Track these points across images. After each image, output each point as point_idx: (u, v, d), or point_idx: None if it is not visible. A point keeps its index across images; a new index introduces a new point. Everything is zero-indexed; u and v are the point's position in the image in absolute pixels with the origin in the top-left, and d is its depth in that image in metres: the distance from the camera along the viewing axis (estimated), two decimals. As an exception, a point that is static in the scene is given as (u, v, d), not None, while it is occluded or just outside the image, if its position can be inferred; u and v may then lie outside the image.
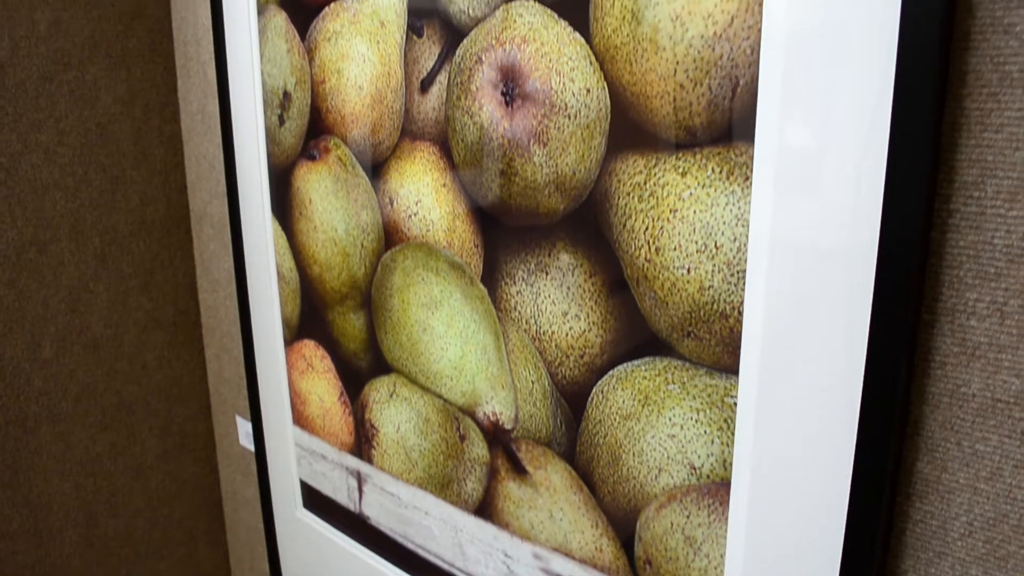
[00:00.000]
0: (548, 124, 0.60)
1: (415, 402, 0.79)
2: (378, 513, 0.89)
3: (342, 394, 0.89)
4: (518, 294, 0.67)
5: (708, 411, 0.57)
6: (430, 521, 0.82)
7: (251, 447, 1.16)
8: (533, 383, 0.68)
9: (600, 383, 0.63)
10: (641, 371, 0.60)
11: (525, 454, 0.70)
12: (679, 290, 0.56)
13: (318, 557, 1.00)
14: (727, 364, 0.55)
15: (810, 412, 0.51)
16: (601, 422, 0.64)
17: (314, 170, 0.83)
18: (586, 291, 0.62)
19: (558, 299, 0.64)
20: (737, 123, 0.51)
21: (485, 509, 0.76)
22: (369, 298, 0.81)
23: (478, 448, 0.74)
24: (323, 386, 0.91)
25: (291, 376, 0.95)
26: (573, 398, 0.65)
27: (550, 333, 0.65)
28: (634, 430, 0.61)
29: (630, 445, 0.62)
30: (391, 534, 0.88)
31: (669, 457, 0.60)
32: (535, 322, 0.66)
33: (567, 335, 0.64)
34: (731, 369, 0.55)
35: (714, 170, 0.52)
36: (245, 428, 1.16)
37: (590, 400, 0.64)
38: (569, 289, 0.63)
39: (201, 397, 1.24)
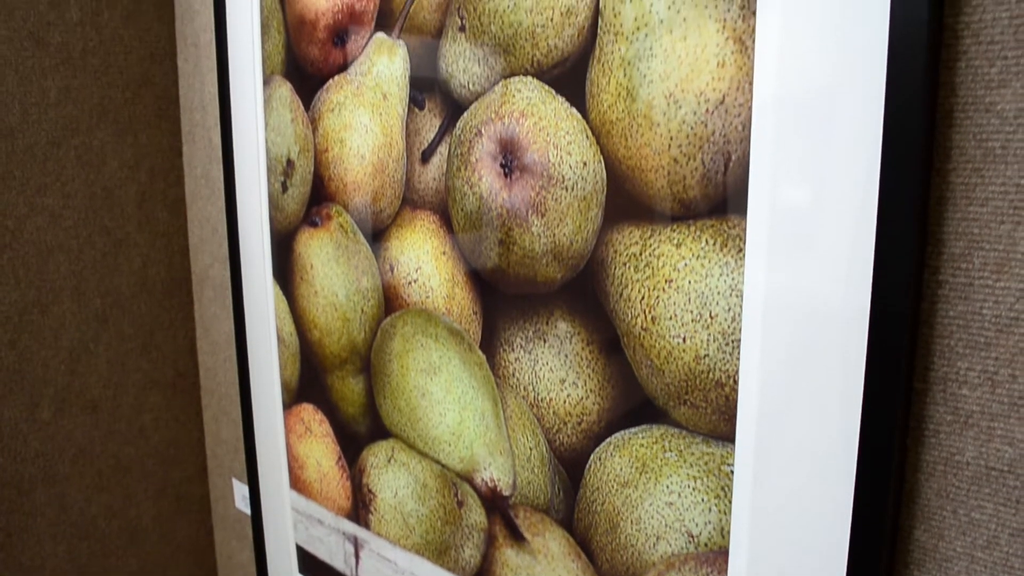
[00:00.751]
0: (546, 195, 0.62)
1: (413, 467, 0.79)
2: (375, 579, 0.88)
3: (340, 458, 0.89)
4: (516, 361, 0.67)
5: (705, 479, 0.57)
6: (427, 588, 0.81)
7: (247, 510, 1.15)
8: (531, 449, 0.68)
9: (598, 450, 0.63)
10: (638, 438, 0.60)
11: (523, 521, 0.70)
12: (675, 359, 0.56)
13: (313, 624, 0.99)
14: (723, 432, 0.55)
15: (806, 481, 0.51)
16: (599, 489, 0.64)
17: (316, 236, 0.84)
18: (583, 359, 0.63)
19: (556, 366, 0.65)
20: (730, 196, 0.52)
21: (483, 576, 0.75)
22: (368, 363, 0.82)
23: (476, 514, 0.74)
24: (321, 450, 0.91)
25: (289, 439, 0.95)
26: (571, 465, 0.66)
27: (548, 400, 0.66)
28: (632, 497, 0.61)
29: (628, 512, 0.62)
30: (387, 601, 0.87)
31: (667, 525, 0.60)
32: (533, 389, 0.67)
33: (565, 402, 0.65)
34: (727, 437, 0.55)
35: (708, 242, 0.54)
36: (242, 491, 1.16)
37: (588, 467, 0.64)
38: (567, 357, 0.64)
39: (198, 459, 1.23)
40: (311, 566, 0.97)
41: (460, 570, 0.77)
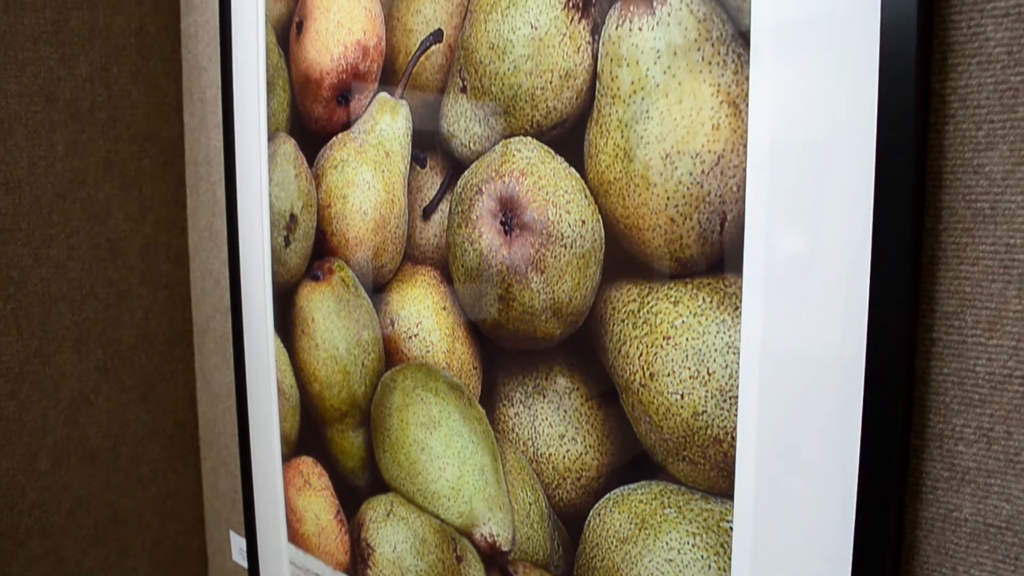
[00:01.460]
0: (545, 253, 0.63)
1: (412, 522, 0.79)
2: (372, 635, 0.87)
3: (338, 512, 0.88)
4: (516, 416, 0.68)
5: (704, 535, 0.57)
6: (425, 645, 0.80)
7: (244, 564, 1.14)
8: (530, 505, 0.68)
9: (597, 506, 0.63)
10: (637, 495, 0.60)
11: (522, 576, 0.70)
12: (673, 415, 0.57)
13: None
14: (722, 488, 0.55)
15: (805, 538, 0.51)
16: (598, 545, 0.64)
17: (317, 290, 0.85)
18: (582, 414, 0.63)
19: (555, 422, 0.65)
20: (726, 255, 0.53)
21: (481, 633, 0.74)
22: (368, 416, 0.82)
23: (475, 570, 0.74)
24: (320, 503, 0.90)
25: (288, 492, 0.95)
26: (570, 520, 0.66)
27: (547, 455, 0.66)
28: (631, 554, 0.61)
29: (627, 569, 0.62)
30: (385, 658, 0.86)
31: (667, 582, 0.59)
32: (532, 444, 0.67)
33: (564, 457, 0.65)
34: (726, 494, 0.55)
35: (705, 299, 0.54)
36: (239, 544, 1.15)
37: (587, 523, 0.64)
38: (566, 412, 0.64)
39: (195, 511, 1.22)
40: (308, 621, 0.97)
41: (459, 627, 0.76)
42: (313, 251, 0.85)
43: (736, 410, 0.53)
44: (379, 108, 0.76)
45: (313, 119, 0.83)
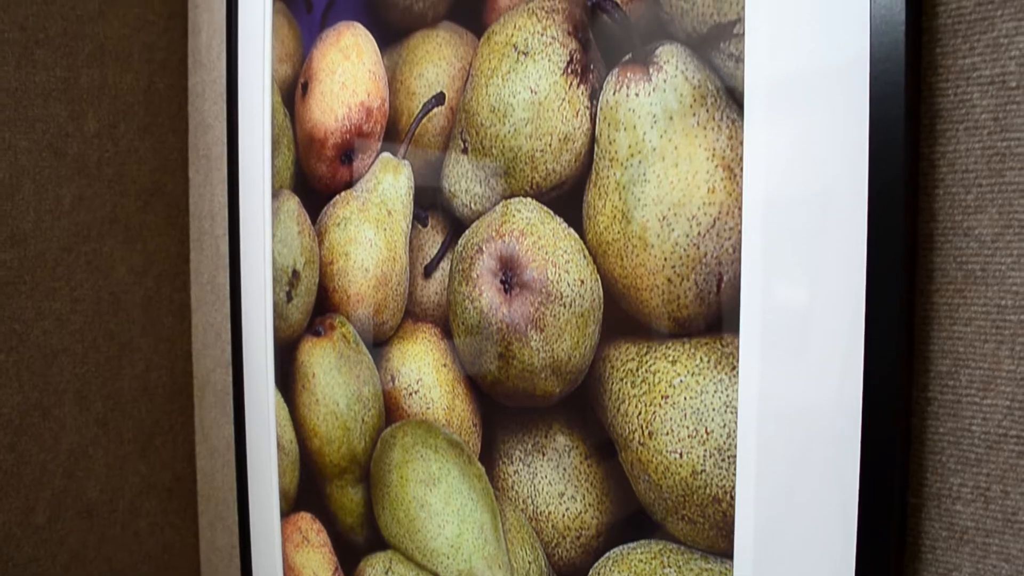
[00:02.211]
0: (545, 311, 0.64)
1: (411, 579, 0.79)
2: None
3: (337, 569, 0.88)
4: (515, 474, 0.68)
5: (704, 596, 0.57)
6: None
7: (240, 620, 1.13)
8: (530, 563, 0.68)
9: (597, 565, 0.63)
10: (637, 554, 0.60)
11: (521, 636, 0.69)
12: (672, 474, 0.57)
13: None
14: (722, 548, 0.55)
15: (805, 600, 0.51)
16: (598, 605, 0.63)
17: (319, 345, 0.86)
18: (582, 472, 0.63)
19: (555, 480, 0.65)
20: (723, 315, 0.54)
21: None
22: (368, 473, 0.82)
23: (474, 629, 0.73)
24: (318, 560, 0.90)
25: (286, 548, 0.94)
26: (570, 579, 0.65)
27: (547, 513, 0.66)
28: (631, 614, 0.61)
29: (627, 630, 0.61)
30: None
31: (667, 643, 0.59)
32: (532, 502, 0.67)
33: (563, 516, 0.65)
34: (726, 553, 0.55)
35: (702, 359, 0.55)
36: (235, 600, 1.13)
37: (587, 582, 0.64)
38: (565, 470, 0.64)
39: (192, 566, 1.21)
40: None
41: None
42: (315, 307, 0.86)
43: (734, 469, 0.54)
44: (382, 168, 0.77)
45: (317, 177, 0.85)
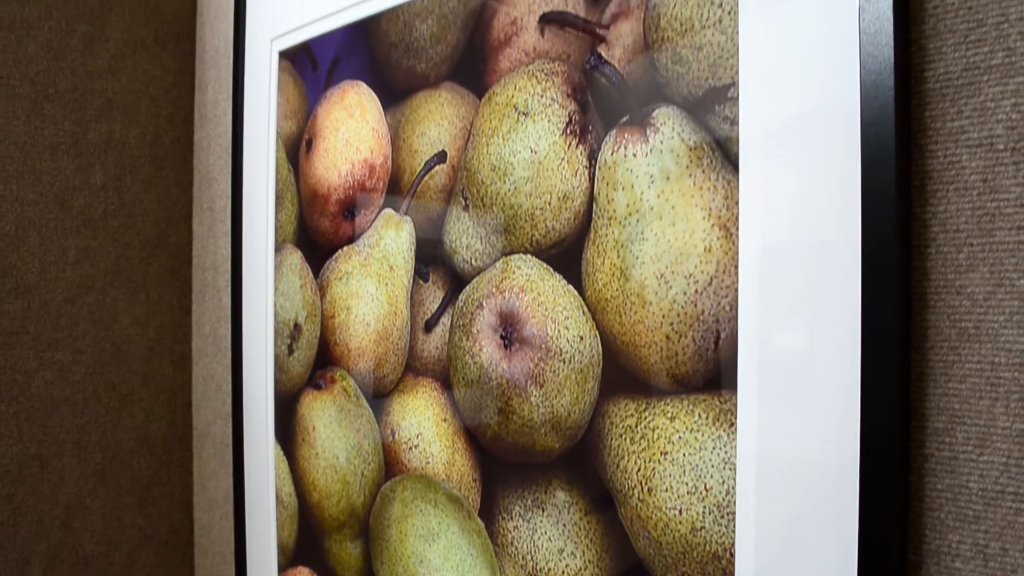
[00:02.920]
0: (544, 367, 0.64)
1: (409, 636, 0.78)
2: None
3: (335, 625, 0.87)
4: (515, 529, 0.68)
5: (705, 656, 0.56)
6: None
7: (235, 677, 1.11)
8: (529, 621, 0.67)
9: (596, 622, 0.63)
10: (637, 612, 0.60)
11: None
12: (672, 530, 0.57)
13: None
14: (722, 607, 0.55)
15: (806, 660, 0.51)
16: (598, 664, 0.63)
17: (319, 399, 0.86)
18: (581, 529, 0.63)
19: (554, 536, 0.65)
20: (721, 372, 0.54)
21: None
22: (367, 527, 0.82)
23: None
24: (316, 615, 0.89)
25: (283, 603, 0.94)
26: (570, 637, 0.65)
27: (546, 570, 0.66)
28: (632, 674, 0.60)
29: None
30: None
31: None
32: (531, 558, 0.67)
33: (563, 572, 0.65)
34: (726, 612, 0.55)
35: (701, 415, 0.55)
36: (230, 656, 1.12)
37: (587, 640, 0.64)
38: (565, 526, 0.64)
39: (187, 620, 1.20)
40: None
41: None
42: (316, 360, 0.87)
43: (734, 526, 0.54)
44: (384, 223, 0.78)
45: (320, 232, 0.86)
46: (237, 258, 0.98)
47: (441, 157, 0.73)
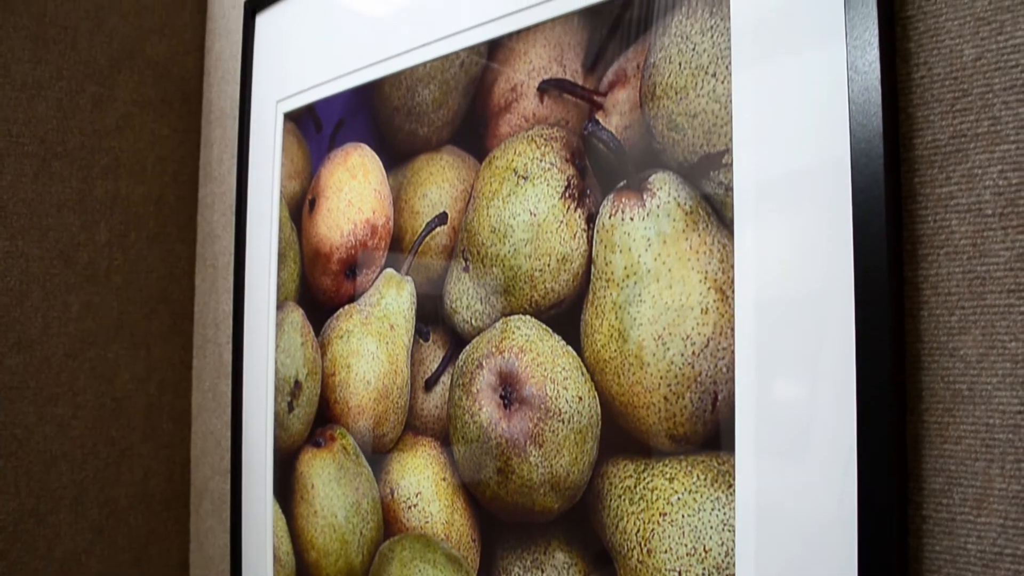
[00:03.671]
0: (543, 427, 0.65)
1: None
2: None
3: None
4: (514, 590, 0.67)
5: None
6: None
7: None
8: None
9: None
10: (637, 676, 0.60)
11: None
12: (671, 593, 0.57)
13: None
14: (722, 671, 0.55)
15: None
16: None
17: (319, 456, 0.86)
18: (581, 590, 0.63)
19: (553, 597, 0.65)
20: (719, 432, 0.55)
21: None
22: (365, 587, 0.81)
23: None
24: (312, 678, 0.88)
25: (279, 664, 0.92)
26: None
27: (546, 632, 0.65)
28: None
29: None
30: None
31: None
32: (531, 620, 0.66)
33: (563, 635, 0.64)
34: (727, 676, 0.55)
35: (699, 477, 0.56)
36: None
37: None
38: (564, 588, 0.64)
39: None
40: None
41: None
42: (316, 418, 0.87)
43: (733, 589, 0.54)
44: (385, 283, 0.79)
45: (321, 290, 0.87)
46: (239, 314, 0.99)
47: (442, 219, 0.74)
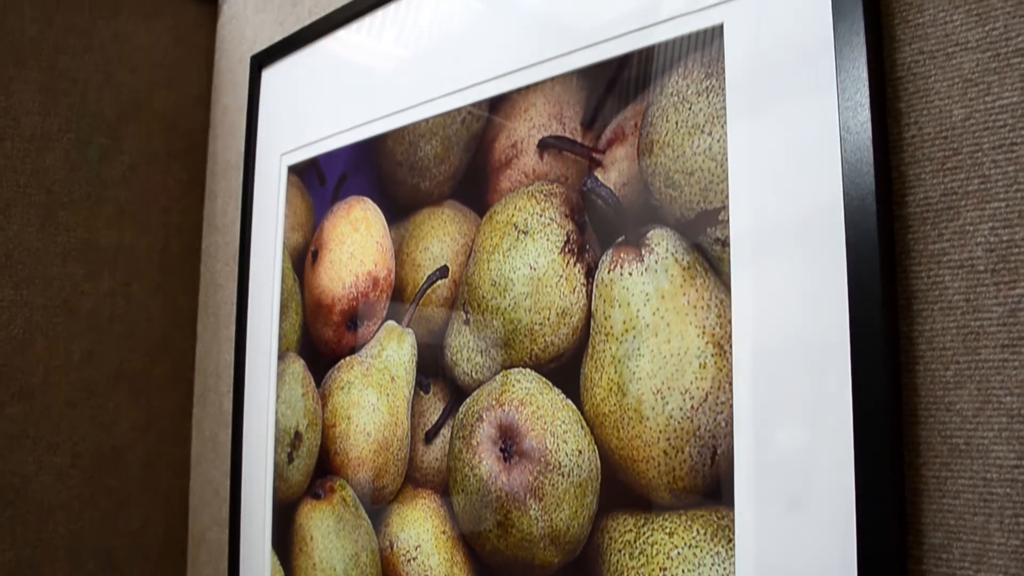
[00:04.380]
0: (543, 480, 0.65)
1: None
2: None
3: None
4: (514, 646, 0.67)
5: None
6: None
7: None
8: None
9: None
10: None
11: None
12: (672, 650, 0.57)
13: None
14: None
15: None
16: None
17: (318, 508, 0.86)
18: (581, 646, 0.63)
19: (553, 654, 0.64)
20: (719, 487, 0.55)
21: None
22: (364, 642, 0.80)
23: None
24: None
25: None
26: None
27: None
28: None
29: None
30: None
31: None
32: (530, 677, 0.66)
33: None
34: None
35: (699, 531, 0.56)
36: None
37: None
38: (564, 644, 0.64)
39: None
40: None
41: None
42: (316, 469, 0.87)
43: (734, 646, 0.53)
44: (386, 335, 0.80)
45: (323, 342, 0.88)
46: (240, 364, 1.00)
47: (443, 272, 0.75)
